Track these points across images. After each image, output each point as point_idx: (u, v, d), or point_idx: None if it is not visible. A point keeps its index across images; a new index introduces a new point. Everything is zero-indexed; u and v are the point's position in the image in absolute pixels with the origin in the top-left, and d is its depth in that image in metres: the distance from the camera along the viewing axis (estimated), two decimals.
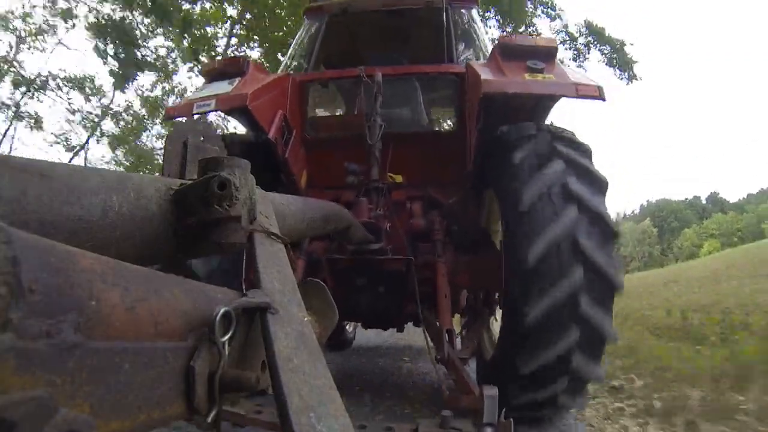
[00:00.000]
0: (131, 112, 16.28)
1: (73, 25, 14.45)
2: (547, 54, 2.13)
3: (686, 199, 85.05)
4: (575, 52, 10.88)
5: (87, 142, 16.42)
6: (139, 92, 15.42)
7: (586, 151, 2.00)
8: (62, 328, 0.34)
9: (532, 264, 1.76)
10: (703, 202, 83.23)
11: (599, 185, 1.91)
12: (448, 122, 4.37)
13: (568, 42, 10.83)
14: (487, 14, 10.03)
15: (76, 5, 13.26)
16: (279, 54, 9.25)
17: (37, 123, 15.55)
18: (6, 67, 14.45)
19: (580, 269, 1.75)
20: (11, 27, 14.43)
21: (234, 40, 10.82)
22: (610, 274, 1.78)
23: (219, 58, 9.97)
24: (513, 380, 1.85)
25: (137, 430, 0.42)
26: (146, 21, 11.20)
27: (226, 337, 0.53)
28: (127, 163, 15.81)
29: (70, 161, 14.52)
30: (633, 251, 72.38)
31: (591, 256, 1.76)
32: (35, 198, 0.48)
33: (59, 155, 16.26)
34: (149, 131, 16.25)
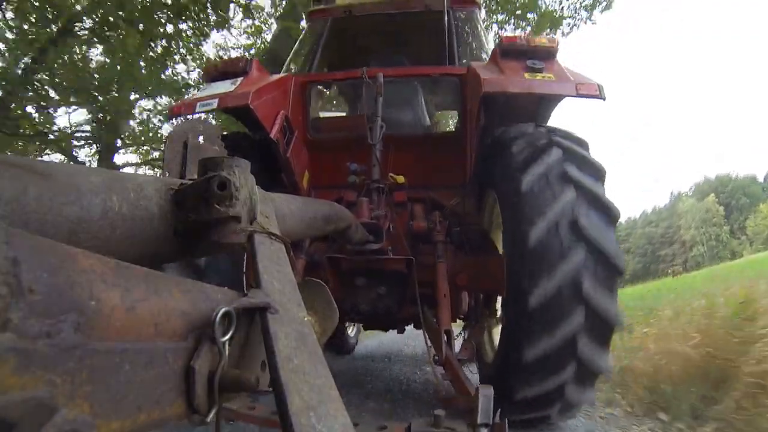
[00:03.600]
0: None
1: None
2: (547, 54, 2.14)
3: (743, 177, 71.55)
4: None
5: None
6: None
7: (582, 143, 2.02)
8: (62, 328, 0.34)
9: (533, 246, 1.76)
10: (761, 181, 70.05)
11: (597, 172, 1.93)
12: (450, 124, 4.37)
13: None
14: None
15: None
16: None
17: None
18: None
19: (581, 250, 1.74)
20: None
21: None
22: (612, 255, 1.77)
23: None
24: (518, 371, 1.83)
25: (137, 430, 0.42)
26: None
27: (227, 337, 0.53)
28: None
29: None
30: (696, 234, 60.82)
31: (591, 237, 1.75)
32: (35, 198, 0.48)
33: None
34: None
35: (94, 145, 10.77)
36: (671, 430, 2.27)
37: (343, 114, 3.95)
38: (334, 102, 4.16)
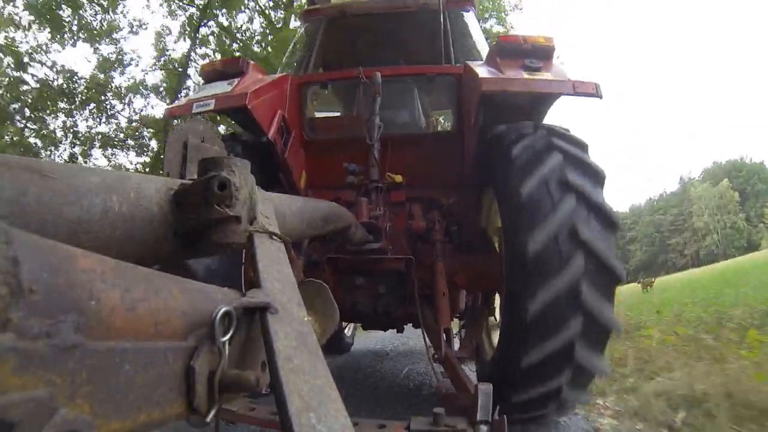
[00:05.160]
0: None
1: None
2: (545, 53, 2.14)
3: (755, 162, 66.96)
4: None
5: None
6: None
7: (582, 146, 2.02)
8: (62, 328, 0.34)
9: (532, 254, 1.75)
10: None
11: (597, 177, 1.93)
12: (447, 123, 4.37)
13: None
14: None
15: None
16: None
17: None
18: None
19: (580, 257, 1.74)
20: None
21: None
22: (611, 263, 1.78)
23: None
24: (516, 375, 1.84)
25: (137, 430, 0.42)
26: None
27: (227, 337, 0.53)
28: None
29: None
30: (710, 221, 56.98)
31: (591, 245, 1.76)
32: (35, 198, 0.48)
33: None
34: None
35: None
36: None
37: (341, 114, 3.96)
38: (331, 102, 4.16)
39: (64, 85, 11.47)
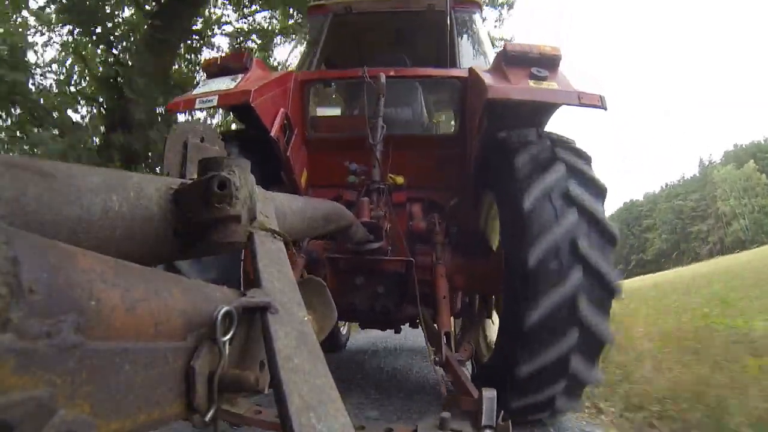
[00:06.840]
0: None
1: None
2: (551, 62, 2.15)
3: None
4: None
5: None
6: None
7: (586, 158, 2.04)
8: (62, 328, 0.34)
9: (532, 266, 1.78)
10: None
11: (599, 191, 1.96)
12: (450, 126, 4.38)
13: None
14: None
15: None
16: None
17: None
18: None
19: (579, 271, 1.77)
20: None
21: None
22: (609, 278, 1.81)
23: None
24: (511, 384, 1.88)
25: (137, 430, 0.42)
26: None
27: (227, 337, 0.53)
28: None
29: None
30: (737, 204, 52.90)
31: (590, 259, 1.79)
32: (35, 198, 0.48)
33: None
34: None
35: None
36: None
37: (344, 113, 3.96)
38: (334, 101, 4.16)
39: None
